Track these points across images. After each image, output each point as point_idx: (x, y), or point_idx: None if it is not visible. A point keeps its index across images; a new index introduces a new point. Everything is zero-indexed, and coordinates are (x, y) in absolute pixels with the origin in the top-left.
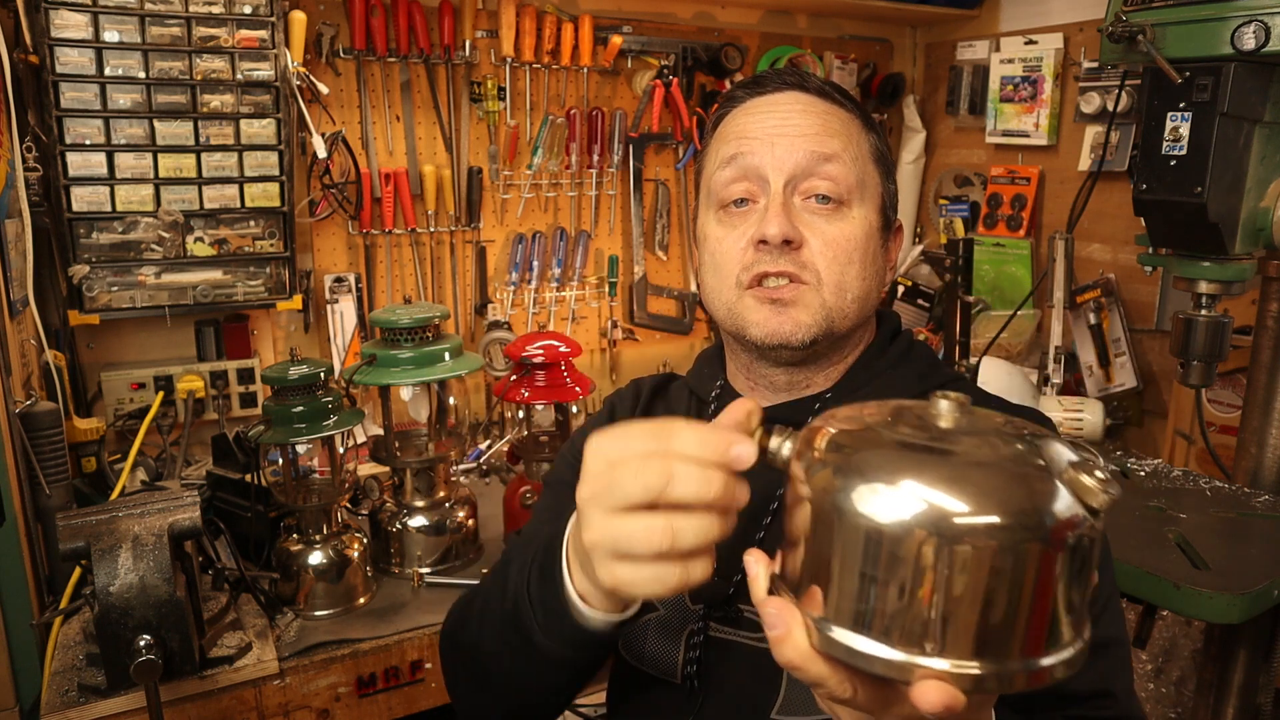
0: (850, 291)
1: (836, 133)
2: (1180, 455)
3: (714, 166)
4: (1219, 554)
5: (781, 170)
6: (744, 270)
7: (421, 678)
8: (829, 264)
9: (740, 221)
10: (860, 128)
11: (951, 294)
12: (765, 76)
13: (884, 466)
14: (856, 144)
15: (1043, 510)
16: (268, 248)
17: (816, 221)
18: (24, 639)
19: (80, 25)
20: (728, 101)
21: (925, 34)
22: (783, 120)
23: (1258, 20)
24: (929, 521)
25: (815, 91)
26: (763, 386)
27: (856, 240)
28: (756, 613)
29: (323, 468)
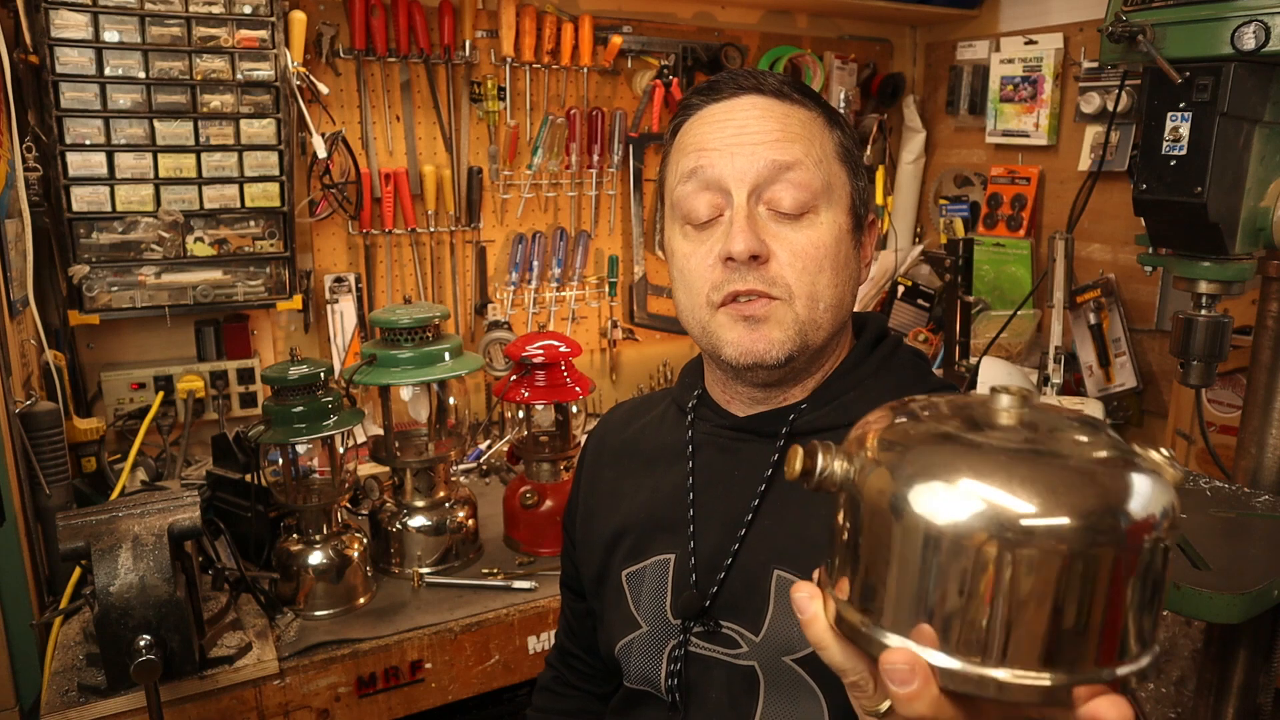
0: (823, 301)
1: (797, 136)
2: (1180, 455)
3: (675, 180)
4: (1219, 554)
5: (743, 181)
6: (714, 289)
7: (421, 678)
8: (799, 275)
9: (707, 236)
10: (823, 126)
11: (951, 294)
12: (720, 81)
13: (941, 464)
14: (820, 145)
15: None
16: (268, 248)
17: (783, 231)
18: (24, 639)
19: (80, 25)
20: (684, 109)
21: (925, 34)
22: (740, 128)
23: (1258, 20)
24: (992, 523)
25: (772, 93)
26: (738, 399)
27: (826, 247)
28: (734, 629)
29: (323, 468)
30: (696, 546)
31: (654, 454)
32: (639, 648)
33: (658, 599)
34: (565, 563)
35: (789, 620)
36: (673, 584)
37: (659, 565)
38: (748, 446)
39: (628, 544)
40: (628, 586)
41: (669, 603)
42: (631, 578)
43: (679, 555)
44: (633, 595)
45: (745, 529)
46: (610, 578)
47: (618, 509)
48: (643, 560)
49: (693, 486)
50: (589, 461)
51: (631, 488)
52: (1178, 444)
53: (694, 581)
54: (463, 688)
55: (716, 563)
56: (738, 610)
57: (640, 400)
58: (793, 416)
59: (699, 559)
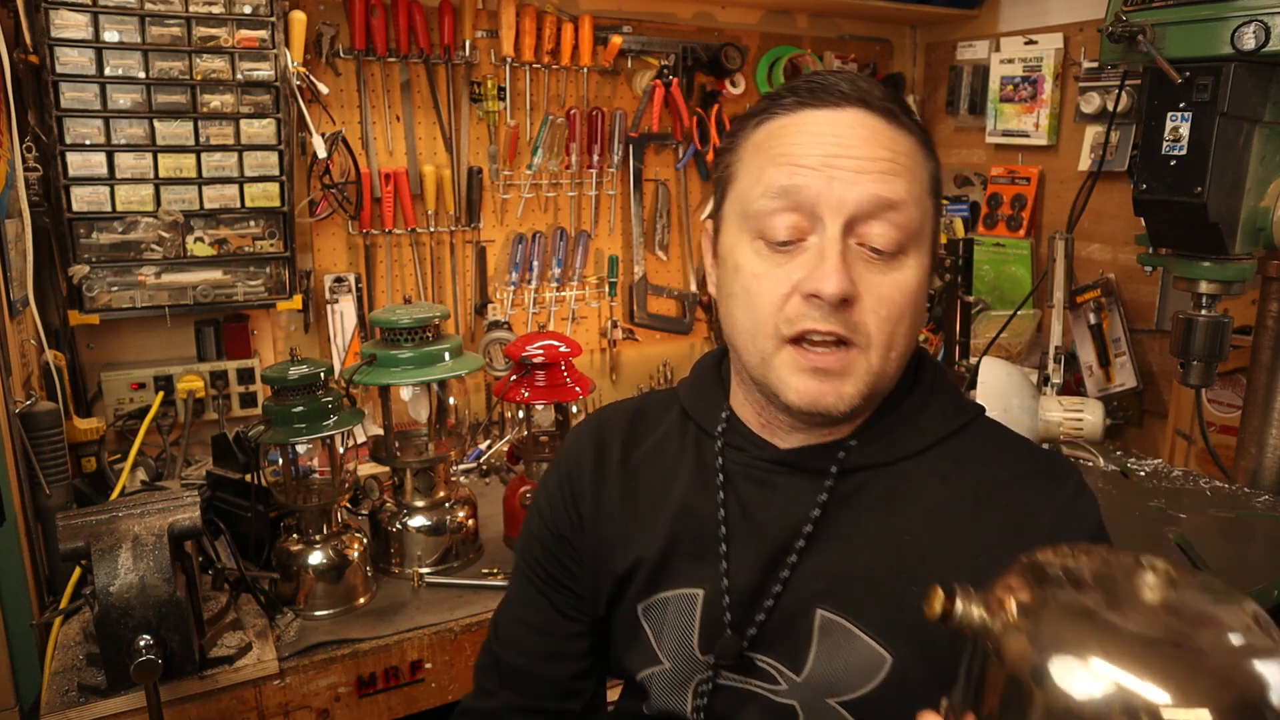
0: (897, 350)
1: (903, 169)
2: (1180, 455)
3: (756, 189)
4: (1219, 554)
5: (840, 211)
6: (785, 322)
7: (421, 678)
8: (880, 323)
9: (785, 260)
10: (924, 156)
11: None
12: (823, 85)
13: (1085, 642)
14: (920, 180)
15: (1257, 704)
16: (268, 248)
17: (870, 273)
18: (24, 639)
19: (80, 25)
20: (774, 106)
21: (925, 34)
22: (844, 148)
23: (1258, 20)
24: (1129, 708)
25: (882, 111)
26: (778, 426)
27: (910, 294)
28: (770, 663)
29: (323, 468)
30: (731, 584)
31: (673, 479)
32: (659, 682)
33: (683, 635)
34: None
35: (835, 662)
36: (701, 620)
37: (684, 600)
38: (788, 480)
39: (644, 575)
40: (645, 621)
41: (696, 639)
42: (649, 611)
43: (709, 591)
44: (652, 630)
45: (789, 570)
46: (623, 610)
47: (633, 538)
48: (661, 592)
49: (725, 520)
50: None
51: (646, 513)
52: (1178, 444)
53: (729, 620)
54: (463, 688)
55: (754, 601)
56: (774, 645)
57: (635, 408)
58: (842, 454)
59: (734, 597)
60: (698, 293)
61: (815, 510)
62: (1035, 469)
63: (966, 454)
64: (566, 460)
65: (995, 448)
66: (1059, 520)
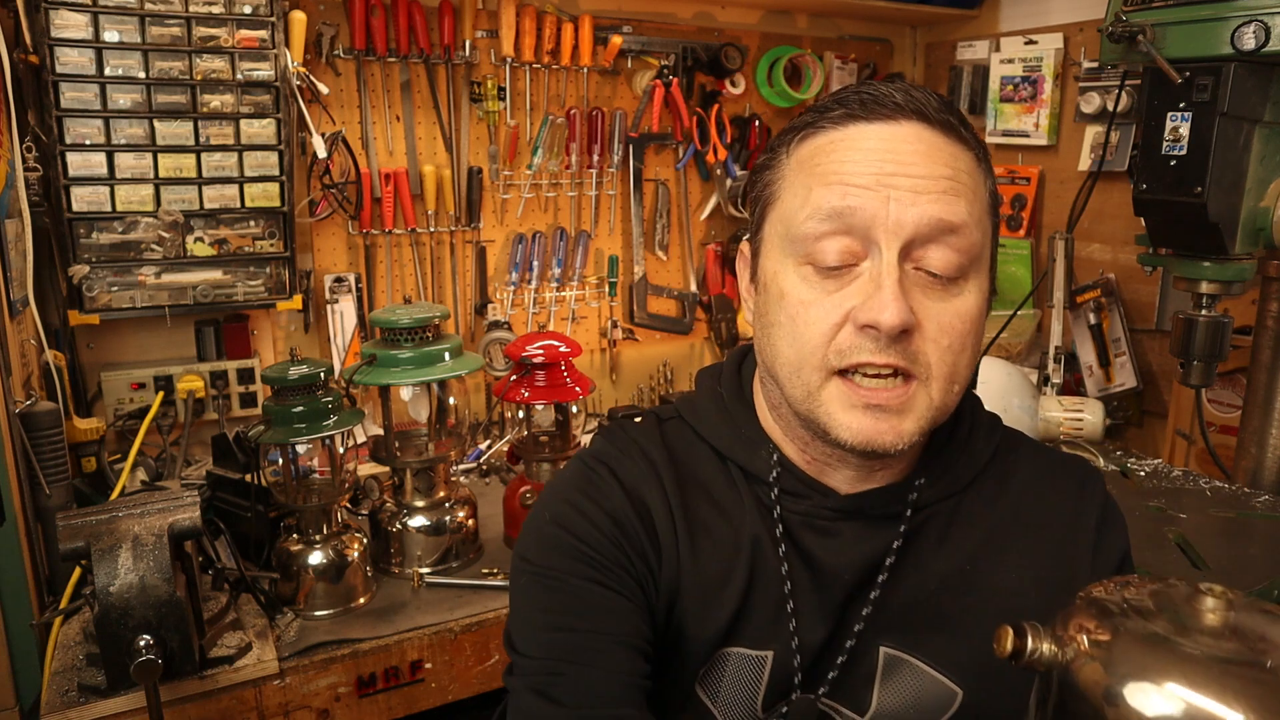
0: (959, 381)
1: (964, 189)
2: (1180, 455)
3: (803, 211)
4: (1219, 554)
5: (898, 235)
6: (836, 354)
7: (421, 678)
8: (943, 354)
9: (835, 287)
10: (983, 174)
11: None
12: (874, 96)
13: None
14: (981, 200)
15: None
16: (268, 248)
17: (930, 300)
18: (24, 639)
19: (80, 25)
20: (821, 119)
21: (925, 34)
22: (901, 165)
23: (1258, 20)
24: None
25: (940, 125)
26: (833, 468)
27: (973, 321)
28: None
29: (323, 468)
30: (801, 643)
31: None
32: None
33: (745, 696)
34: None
35: (898, 699)
36: (769, 682)
37: (750, 662)
38: (852, 526)
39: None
40: (703, 693)
41: (760, 700)
42: (707, 674)
43: (779, 652)
44: (707, 692)
45: (862, 623)
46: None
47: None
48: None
49: (789, 576)
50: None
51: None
52: (1178, 444)
53: (799, 682)
54: (463, 688)
55: (823, 656)
56: (837, 688)
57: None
58: (913, 496)
59: (803, 657)
60: (697, 293)
61: (890, 558)
62: (1064, 473)
63: (1006, 475)
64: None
65: (1023, 461)
66: (1102, 517)
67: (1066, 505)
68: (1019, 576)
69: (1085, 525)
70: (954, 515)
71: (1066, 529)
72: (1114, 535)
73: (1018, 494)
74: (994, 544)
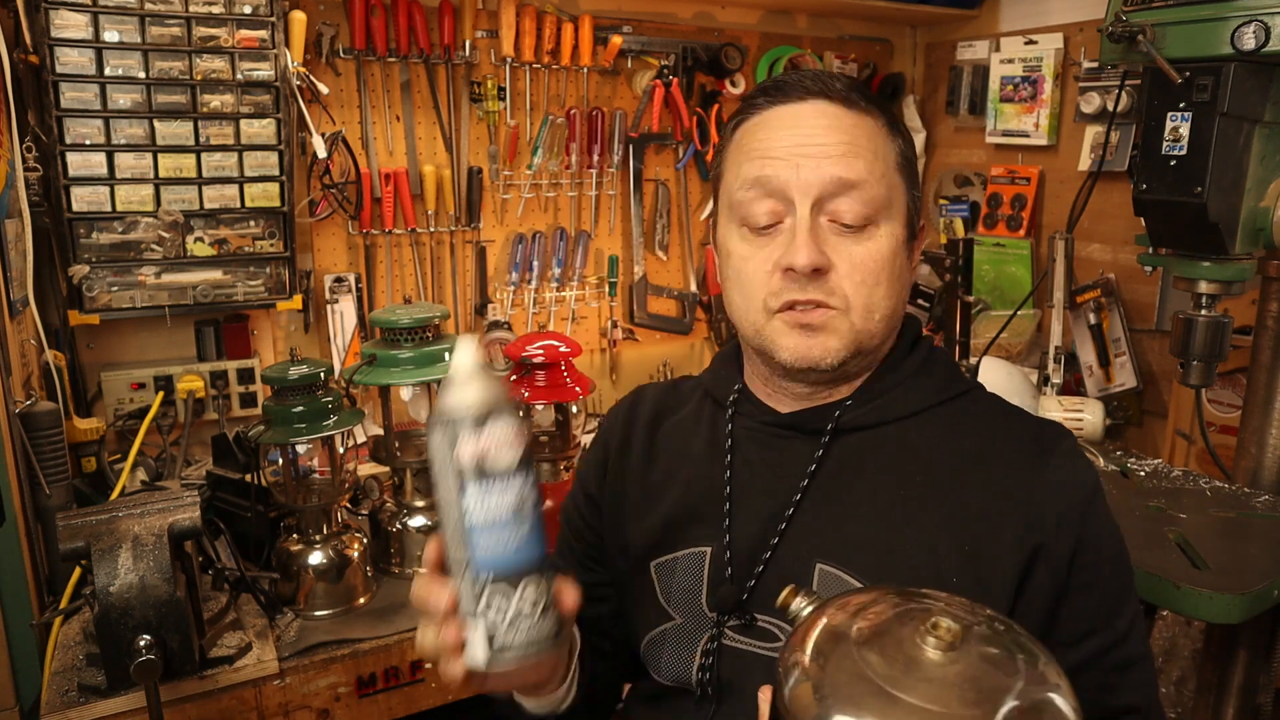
0: (878, 312)
1: (863, 150)
2: (1180, 455)
3: (736, 183)
4: (1219, 554)
5: (808, 193)
6: (772, 296)
7: (421, 678)
8: (857, 287)
9: (767, 242)
10: (887, 136)
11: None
12: (788, 83)
13: (852, 703)
14: (883, 159)
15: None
16: (268, 248)
17: (843, 244)
18: (24, 639)
19: (80, 25)
20: (748, 107)
21: (925, 34)
22: (807, 137)
23: (1258, 20)
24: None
25: (840, 100)
26: (782, 395)
27: (884, 259)
28: (773, 621)
29: (323, 468)
30: (733, 540)
31: (688, 448)
32: (672, 639)
33: (692, 592)
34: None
35: None
36: (709, 577)
37: (693, 558)
38: (790, 443)
39: (657, 535)
40: (656, 576)
41: (704, 596)
42: (660, 568)
43: (715, 549)
44: (661, 587)
45: (785, 523)
46: (639, 567)
47: (651, 504)
48: (673, 552)
49: (731, 480)
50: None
51: (663, 480)
52: (1178, 444)
53: (730, 575)
54: (463, 688)
55: (755, 556)
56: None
57: (667, 388)
58: (838, 413)
59: (735, 552)
60: (698, 293)
61: (812, 466)
62: (1026, 434)
63: (961, 420)
64: (603, 428)
65: (990, 415)
66: (1047, 485)
67: (1014, 463)
68: (947, 515)
69: (1026, 486)
70: (891, 447)
71: (1007, 485)
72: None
73: (969, 442)
74: (931, 480)
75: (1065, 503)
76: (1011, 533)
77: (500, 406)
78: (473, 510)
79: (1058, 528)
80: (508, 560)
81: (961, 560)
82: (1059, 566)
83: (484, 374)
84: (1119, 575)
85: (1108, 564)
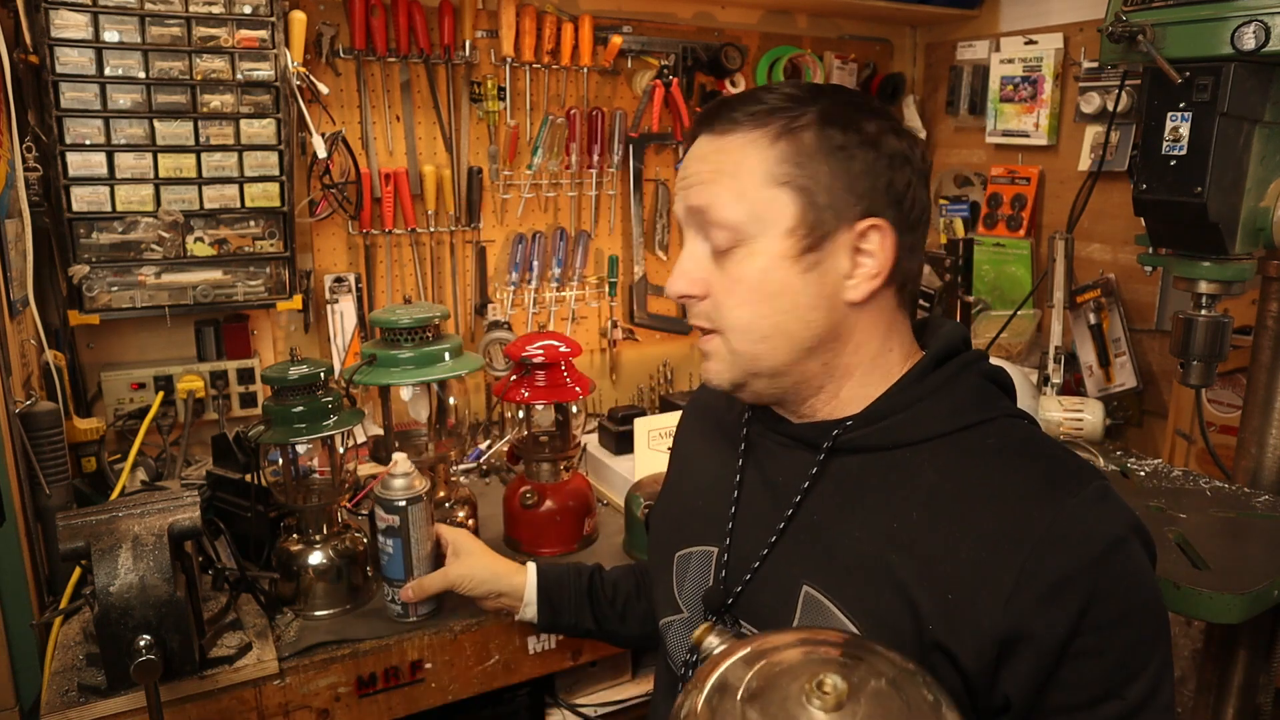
0: (757, 332)
1: (723, 173)
2: (1180, 455)
3: None
4: (1219, 554)
5: (686, 223)
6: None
7: (421, 678)
8: (730, 310)
9: None
10: (757, 148)
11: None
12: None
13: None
14: (749, 173)
15: None
16: (268, 248)
17: (719, 268)
18: (24, 639)
19: (80, 25)
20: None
21: (925, 34)
22: (685, 169)
23: (1258, 20)
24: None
25: (715, 130)
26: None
27: (751, 280)
28: (751, 631)
29: (323, 468)
30: (733, 544)
31: (715, 446)
32: (677, 630)
33: (699, 589)
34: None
35: None
36: (714, 576)
37: (704, 556)
38: (794, 455)
39: (677, 526)
40: (676, 568)
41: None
42: (681, 560)
43: (720, 550)
44: (679, 578)
45: (776, 535)
46: (665, 555)
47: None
48: (690, 546)
49: (740, 485)
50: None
51: (699, 466)
52: (1178, 444)
53: (723, 577)
54: (463, 688)
55: (748, 564)
56: (762, 616)
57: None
58: (836, 432)
59: (733, 557)
60: None
61: (805, 483)
62: (1046, 473)
63: (975, 451)
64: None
65: (1010, 449)
66: (1058, 531)
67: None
68: (938, 554)
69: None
70: (893, 473)
71: (1011, 528)
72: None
73: (979, 476)
74: (929, 513)
75: (1072, 561)
76: (998, 590)
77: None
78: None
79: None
80: None
81: (941, 608)
82: (1046, 648)
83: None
84: (1137, 637)
85: (1124, 627)
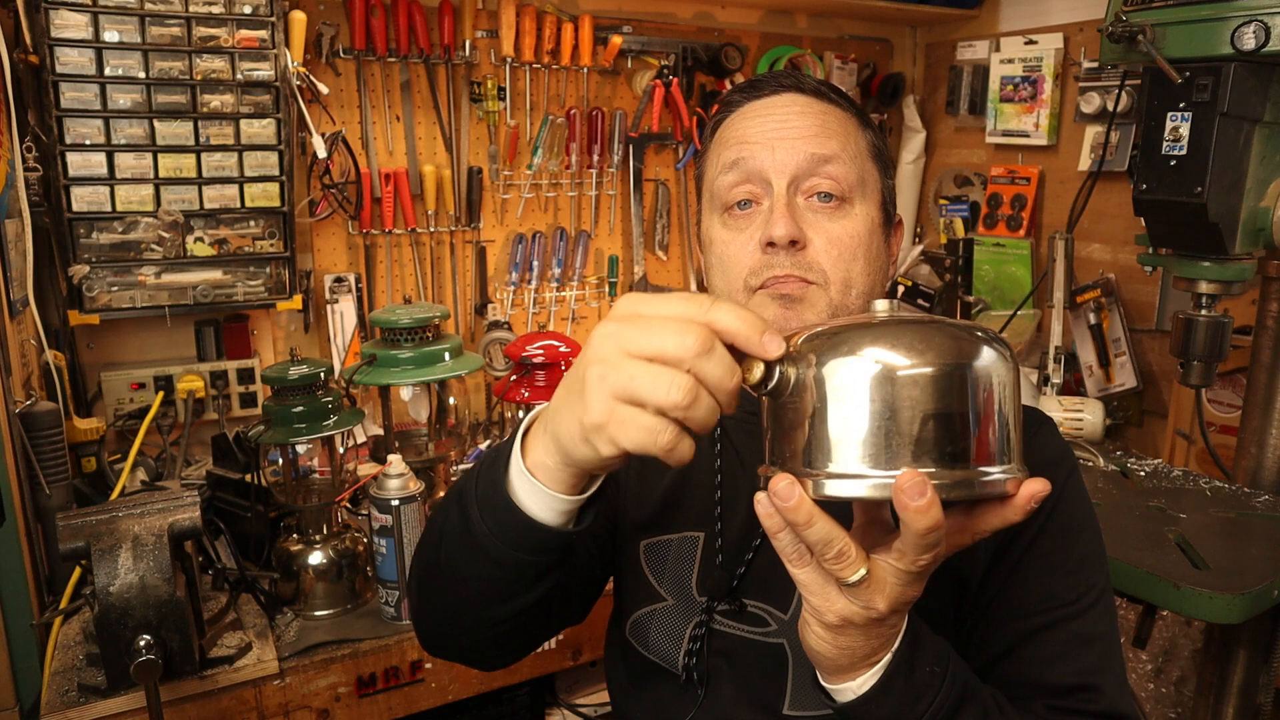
0: (855, 287)
1: (834, 132)
2: (1180, 455)
3: (716, 171)
4: (1219, 554)
5: (783, 172)
6: (752, 274)
7: (421, 678)
8: (834, 262)
9: (746, 224)
10: (857, 126)
11: (951, 294)
12: (762, 80)
13: (847, 342)
14: (855, 142)
15: (963, 353)
16: (268, 248)
17: (820, 220)
18: (24, 639)
19: (80, 25)
20: (725, 106)
21: (925, 34)
22: (781, 123)
23: (1258, 20)
24: (888, 368)
25: (811, 92)
26: None
27: (860, 236)
28: (762, 607)
29: (323, 468)
30: (724, 528)
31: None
32: (660, 620)
33: (683, 576)
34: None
35: None
36: (700, 563)
37: (686, 542)
38: None
39: (651, 515)
40: (645, 556)
41: (695, 580)
42: (650, 549)
43: (708, 535)
44: (652, 568)
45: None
46: (631, 544)
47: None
48: (665, 534)
49: (721, 469)
50: None
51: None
52: (1178, 444)
53: (720, 561)
54: (463, 688)
55: (744, 543)
56: (765, 589)
57: None
58: None
59: (725, 540)
60: (697, 293)
61: None
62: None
63: None
64: None
65: None
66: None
67: None
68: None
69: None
70: None
71: None
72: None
73: None
74: None
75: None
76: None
77: None
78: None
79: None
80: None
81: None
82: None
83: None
84: (1086, 550)
85: (1076, 536)
